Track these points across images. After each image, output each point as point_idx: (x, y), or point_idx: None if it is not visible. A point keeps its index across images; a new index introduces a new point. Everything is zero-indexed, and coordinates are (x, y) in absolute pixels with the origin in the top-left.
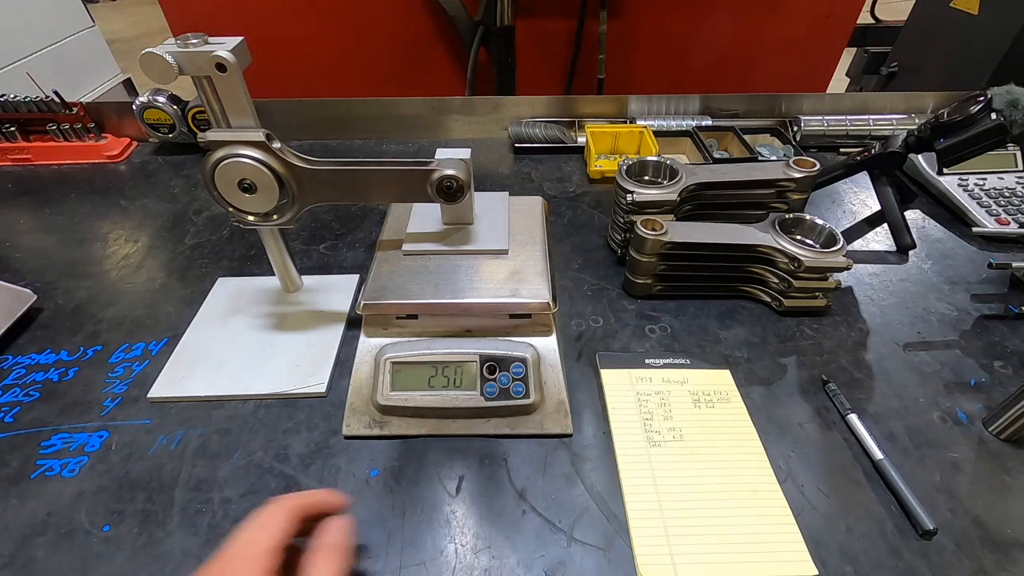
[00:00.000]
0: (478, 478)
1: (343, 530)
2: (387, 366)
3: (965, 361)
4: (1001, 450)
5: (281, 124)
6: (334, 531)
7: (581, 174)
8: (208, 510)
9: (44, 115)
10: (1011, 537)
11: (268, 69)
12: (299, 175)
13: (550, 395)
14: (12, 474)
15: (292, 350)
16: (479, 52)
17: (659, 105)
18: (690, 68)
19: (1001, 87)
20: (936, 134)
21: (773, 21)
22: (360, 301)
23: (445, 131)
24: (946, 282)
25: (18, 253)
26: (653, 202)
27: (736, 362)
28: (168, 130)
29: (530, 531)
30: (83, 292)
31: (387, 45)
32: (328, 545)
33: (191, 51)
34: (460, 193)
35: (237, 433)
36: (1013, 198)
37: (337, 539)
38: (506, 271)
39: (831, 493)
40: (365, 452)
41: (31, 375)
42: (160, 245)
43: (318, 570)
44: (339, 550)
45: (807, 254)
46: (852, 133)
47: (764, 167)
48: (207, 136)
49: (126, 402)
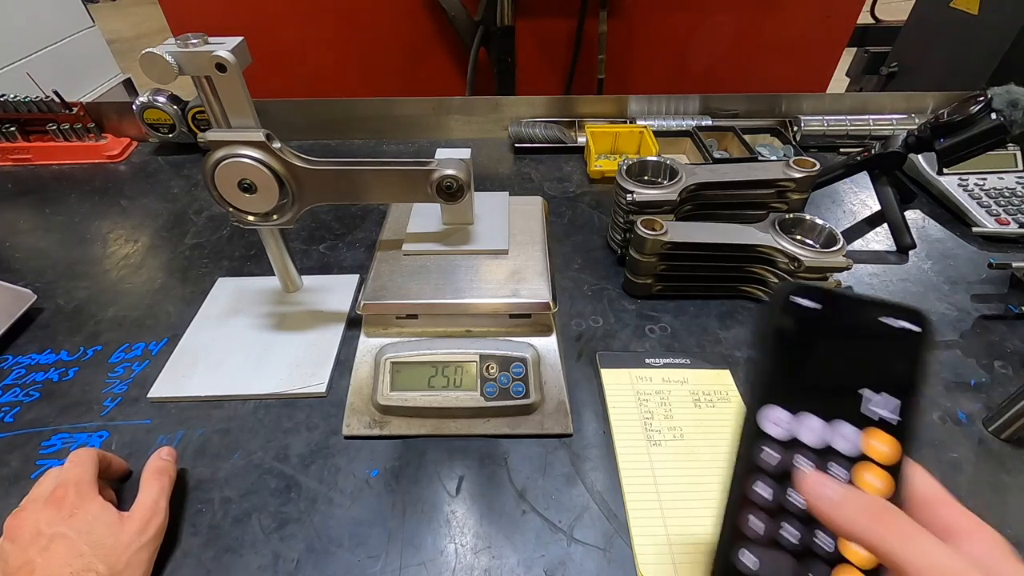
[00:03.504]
0: (478, 478)
1: (165, 455)
2: (387, 366)
3: (965, 361)
4: (1001, 450)
5: (281, 124)
6: (156, 458)
7: (581, 174)
8: (208, 510)
9: (44, 115)
10: (1011, 537)
11: (268, 69)
12: (299, 175)
13: (550, 395)
14: (12, 474)
15: (292, 350)
16: (479, 52)
17: (659, 105)
18: (690, 68)
19: (1001, 87)
20: (936, 134)
21: (773, 21)
22: (360, 301)
23: (445, 131)
24: (946, 282)
25: (18, 253)
26: (653, 202)
27: (736, 362)
28: (168, 130)
29: (530, 531)
30: (83, 292)
31: (387, 45)
32: (153, 468)
33: (191, 51)
34: (460, 193)
35: (237, 433)
36: (1013, 198)
37: (159, 464)
38: (506, 271)
39: None
40: (365, 452)
41: (31, 375)
42: (160, 245)
43: (145, 491)
44: (162, 471)
45: (807, 254)
46: (852, 133)
47: (764, 167)
48: (207, 136)
49: (126, 402)
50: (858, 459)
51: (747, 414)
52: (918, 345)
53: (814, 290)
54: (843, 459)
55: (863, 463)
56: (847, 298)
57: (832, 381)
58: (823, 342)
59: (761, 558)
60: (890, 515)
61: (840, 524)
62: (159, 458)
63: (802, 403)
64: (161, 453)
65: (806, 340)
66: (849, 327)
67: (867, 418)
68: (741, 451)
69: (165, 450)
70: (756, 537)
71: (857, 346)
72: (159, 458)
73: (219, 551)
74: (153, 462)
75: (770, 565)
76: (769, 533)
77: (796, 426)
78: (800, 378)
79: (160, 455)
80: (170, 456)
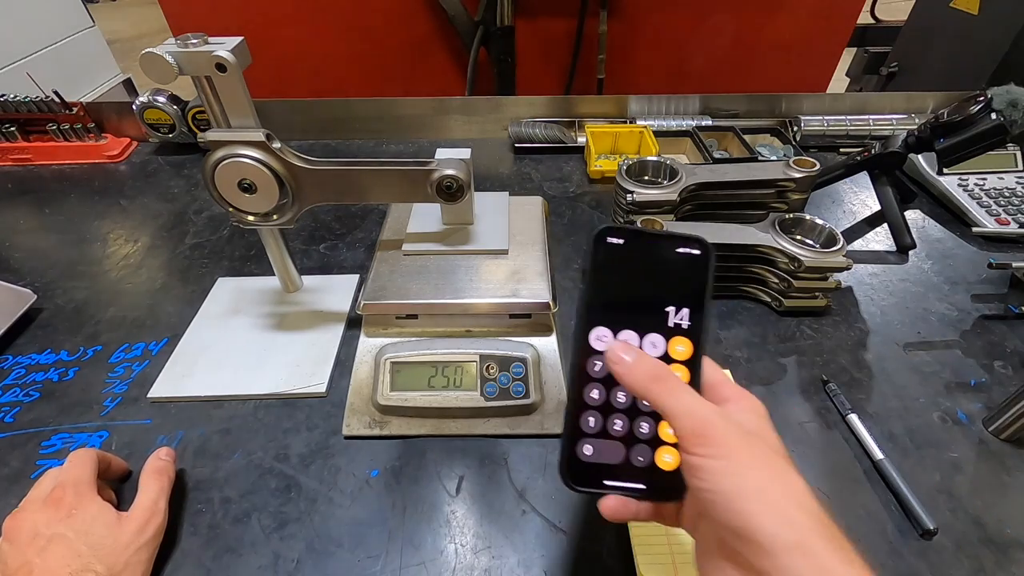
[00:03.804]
0: (478, 478)
1: (164, 456)
2: (387, 366)
3: (965, 361)
4: (1001, 450)
5: (281, 124)
6: (155, 458)
7: (581, 174)
8: (208, 510)
9: (44, 115)
10: (1011, 537)
11: (268, 69)
12: (299, 175)
13: (550, 395)
14: (12, 474)
15: (292, 350)
16: (479, 52)
17: (659, 105)
18: (690, 68)
19: (1001, 87)
20: (936, 134)
21: (773, 21)
22: (360, 301)
23: (445, 131)
24: (946, 282)
25: (18, 253)
26: (653, 202)
27: (736, 362)
28: (168, 130)
29: (530, 531)
30: (83, 292)
31: (387, 45)
32: (152, 468)
33: (191, 51)
34: (460, 193)
35: (237, 433)
36: (1013, 198)
37: (158, 464)
38: (506, 271)
39: (831, 493)
40: (365, 452)
41: (31, 375)
42: (160, 245)
43: (144, 492)
44: (161, 471)
45: (807, 254)
46: (852, 133)
47: (764, 167)
48: (207, 136)
49: (126, 402)
50: (665, 358)
51: (579, 335)
52: (703, 266)
53: (620, 229)
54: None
55: (670, 364)
56: (646, 234)
57: (642, 302)
58: (631, 271)
59: (596, 447)
60: (665, 376)
61: (630, 383)
62: (158, 458)
63: (621, 323)
64: (160, 453)
65: (618, 270)
66: (649, 257)
67: (671, 328)
68: (576, 365)
69: (164, 450)
70: (591, 431)
71: (658, 271)
72: (158, 458)
73: (219, 551)
74: (152, 462)
75: (603, 451)
76: (601, 427)
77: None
78: (617, 302)
79: (159, 455)
80: (169, 456)
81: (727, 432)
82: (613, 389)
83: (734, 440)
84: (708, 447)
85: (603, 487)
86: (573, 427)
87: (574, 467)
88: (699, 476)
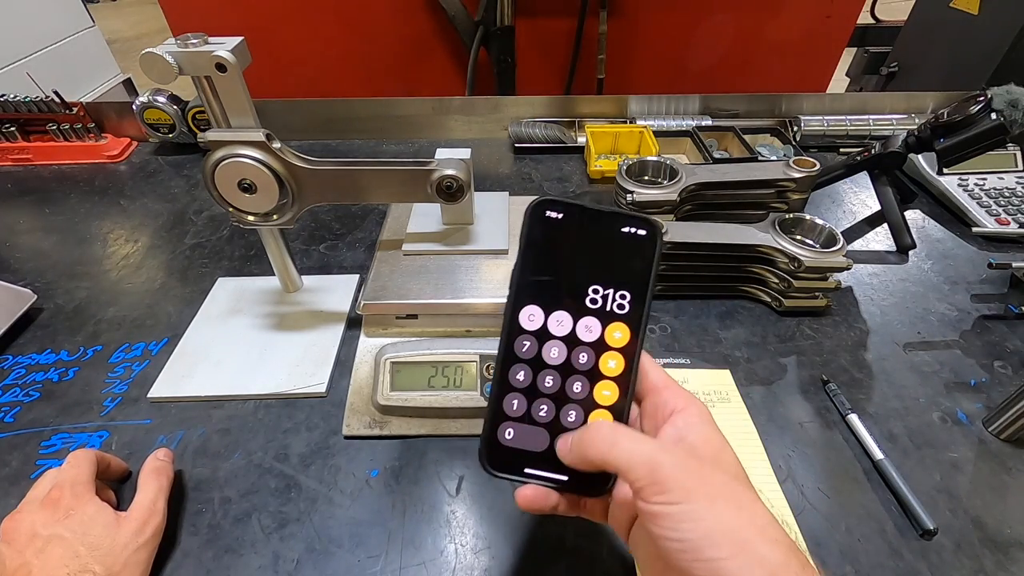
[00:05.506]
0: (478, 478)
1: (162, 456)
2: (387, 366)
3: (965, 361)
4: (1001, 450)
5: (281, 124)
6: (153, 458)
7: (581, 174)
8: (208, 510)
9: (44, 115)
10: (1011, 537)
11: (268, 69)
12: (299, 175)
13: None
14: (12, 474)
15: (292, 350)
16: (479, 52)
17: (659, 105)
18: (690, 68)
19: (1001, 87)
20: (936, 134)
21: (773, 21)
22: (360, 301)
23: (445, 131)
24: (946, 282)
25: (18, 253)
26: (653, 202)
27: (736, 362)
28: (168, 130)
29: (530, 531)
30: (83, 292)
31: (387, 45)
32: (150, 468)
33: (191, 51)
34: (460, 193)
35: (237, 433)
36: (1013, 198)
37: (156, 464)
38: (506, 271)
39: (831, 493)
40: (365, 452)
41: (31, 375)
42: (160, 245)
43: (142, 492)
44: (160, 472)
45: (807, 254)
46: (852, 133)
47: (764, 167)
48: (207, 136)
49: (126, 402)
50: (599, 344)
51: (509, 313)
52: (649, 248)
53: (559, 202)
54: (587, 346)
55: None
56: (588, 209)
57: (579, 282)
58: (569, 248)
59: (517, 431)
60: (599, 437)
61: (578, 464)
62: (156, 459)
63: (555, 303)
64: (158, 454)
65: (555, 246)
66: (590, 234)
67: (608, 312)
68: (504, 344)
69: (161, 451)
70: (514, 414)
71: (598, 250)
72: (156, 459)
73: (219, 551)
74: (150, 463)
75: (525, 437)
76: (525, 411)
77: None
78: (553, 281)
79: (156, 456)
80: (167, 457)
81: (678, 471)
82: (541, 372)
83: (690, 479)
84: (664, 494)
85: (523, 475)
86: (496, 409)
87: (493, 451)
88: (660, 525)
